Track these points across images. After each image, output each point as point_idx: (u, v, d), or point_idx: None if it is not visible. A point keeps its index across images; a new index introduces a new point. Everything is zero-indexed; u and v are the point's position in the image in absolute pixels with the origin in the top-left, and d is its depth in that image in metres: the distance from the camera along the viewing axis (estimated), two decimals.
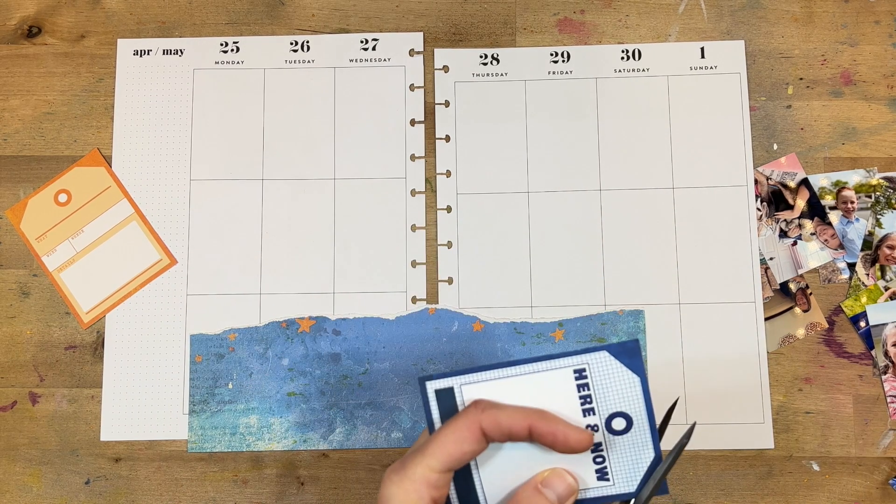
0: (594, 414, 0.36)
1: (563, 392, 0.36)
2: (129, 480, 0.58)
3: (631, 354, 0.36)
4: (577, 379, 0.36)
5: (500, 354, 0.58)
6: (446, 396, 0.36)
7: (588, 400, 0.36)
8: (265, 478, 0.58)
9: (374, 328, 0.59)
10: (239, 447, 0.58)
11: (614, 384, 0.36)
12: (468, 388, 0.36)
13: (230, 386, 0.58)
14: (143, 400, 0.58)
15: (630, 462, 0.36)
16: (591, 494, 0.37)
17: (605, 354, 0.36)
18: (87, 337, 0.59)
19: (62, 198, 0.59)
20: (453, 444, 0.34)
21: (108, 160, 0.61)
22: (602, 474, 0.36)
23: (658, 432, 0.37)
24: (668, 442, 0.37)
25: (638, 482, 0.37)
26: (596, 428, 0.36)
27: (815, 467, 0.58)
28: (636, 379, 0.36)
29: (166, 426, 0.58)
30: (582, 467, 0.36)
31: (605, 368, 0.36)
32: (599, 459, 0.36)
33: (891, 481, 0.57)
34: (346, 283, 0.60)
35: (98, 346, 0.59)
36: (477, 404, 0.35)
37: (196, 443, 0.58)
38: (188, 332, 0.59)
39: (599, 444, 0.36)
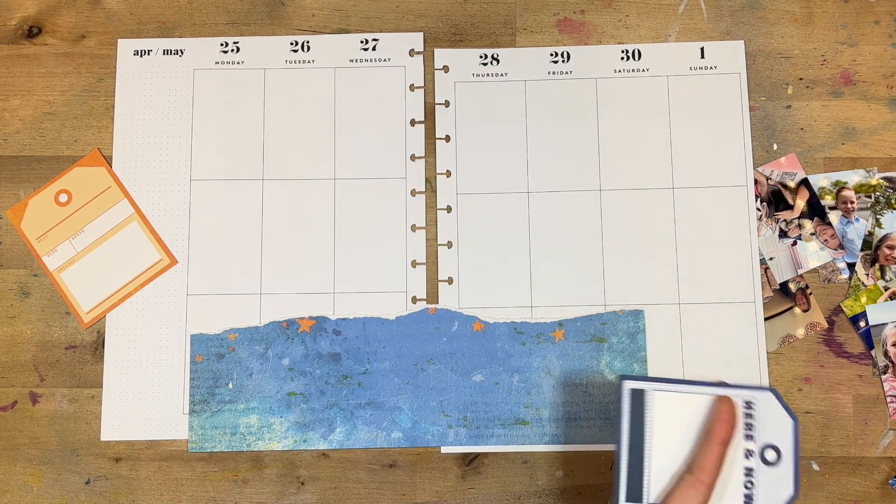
0: (753, 441, 0.43)
1: None
2: (129, 480, 0.58)
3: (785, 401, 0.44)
4: (745, 408, 0.43)
5: (500, 354, 0.58)
6: (638, 396, 0.43)
7: (750, 427, 0.43)
8: (265, 478, 0.58)
9: (374, 328, 0.59)
10: (239, 447, 0.58)
11: (773, 421, 0.43)
12: (656, 395, 0.43)
13: (230, 386, 0.58)
14: (143, 400, 0.58)
15: (773, 493, 0.42)
16: None
17: (769, 395, 0.43)
18: (87, 337, 0.59)
19: (62, 198, 0.59)
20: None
21: (108, 160, 0.61)
22: (748, 500, 0.42)
23: None
24: None
25: None
26: (752, 453, 0.43)
27: (815, 467, 0.58)
28: (791, 421, 0.43)
29: (166, 426, 0.58)
30: (733, 490, 0.42)
31: (768, 406, 0.43)
32: (749, 485, 0.42)
33: (890, 481, 0.57)
34: (346, 283, 0.60)
35: (98, 346, 0.59)
36: (688, 473, 0.42)
37: (196, 443, 0.58)
38: (188, 332, 0.59)
39: (752, 470, 0.42)
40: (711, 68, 0.62)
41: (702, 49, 0.62)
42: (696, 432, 0.43)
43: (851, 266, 0.59)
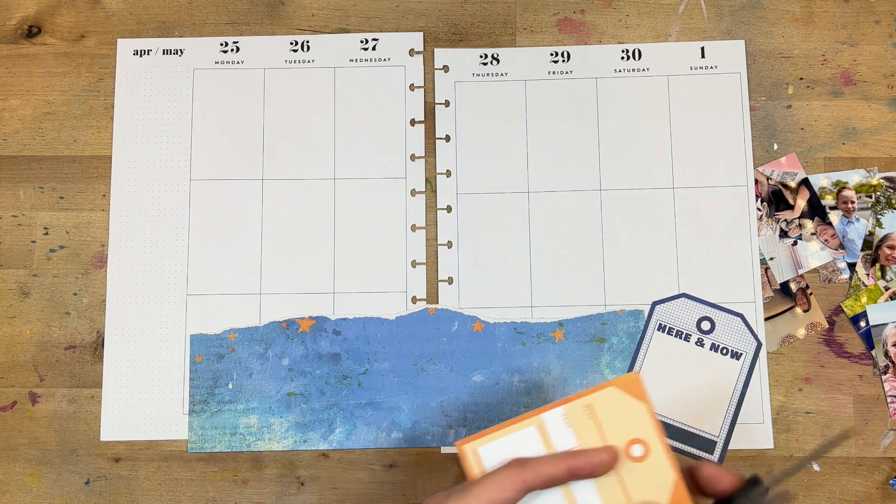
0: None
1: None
2: (129, 480, 0.58)
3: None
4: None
5: (500, 354, 0.58)
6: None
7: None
8: (265, 478, 0.58)
9: (374, 328, 0.59)
10: (239, 447, 0.58)
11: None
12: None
13: (230, 386, 0.58)
14: (143, 400, 0.58)
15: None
16: None
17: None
18: (87, 337, 0.59)
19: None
20: (495, 491, 0.37)
21: (108, 160, 0.61)
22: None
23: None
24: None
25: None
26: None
27: (815, 467, 0.58)
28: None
29: (166, 426, 0.58)
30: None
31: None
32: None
33: (891, 481, 0.57)
34: (346, 283, 0.60)
35: (98, 346, 0.59)
36: (516, 461, 0.38)
37: (196, 443, 0.58)
38: (188, 332, 0.59)
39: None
40: (712, 68, 0.62)
41: (702, 49, 0.62)
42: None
43: (852, 266, 0.59)
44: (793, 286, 0.59)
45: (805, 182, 0.60)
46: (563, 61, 0.62)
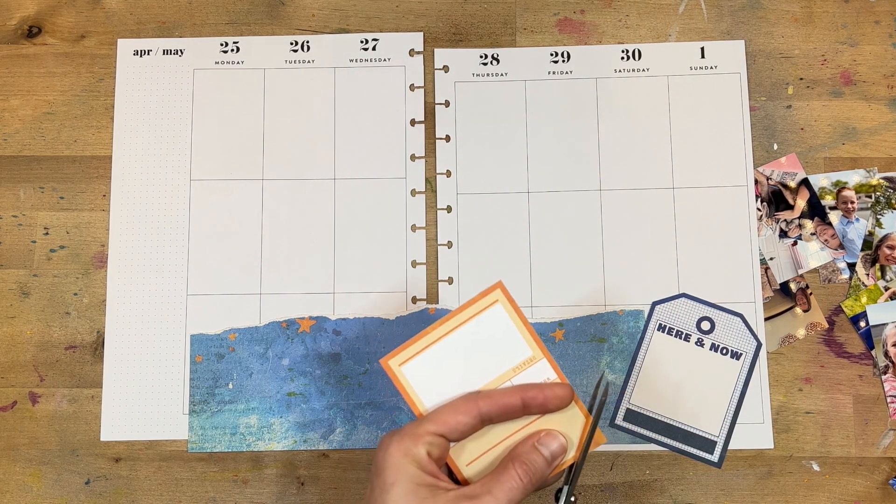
0: None
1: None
2: (129, 480, 0.58)
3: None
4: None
5: None
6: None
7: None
8: (265, 478, 0.58)
9: (374, 328, 0.59)
10: (239, 447, 0.58)
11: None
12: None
13: (230, 386, 0.58)
14: (143, 400, 0.58)
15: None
16: None
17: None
18: (87, 337, 0.59)
19: None
20: (451, 415, 0.40)
21: (108, 160, 0.61)
22: None
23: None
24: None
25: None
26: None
27: (815, 467, 0.58)
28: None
29: (166, 426, 0.58)
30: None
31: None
32: None
33: (891, 481, 0.57)
34: (346, 283, 0.60)
35: (98, 346, 0.59)
36: (472, 393, 0.42)
37: (196, 443, 0.58)
38: (188, 332, 0.59)
39: None
40: (711, 68, 0.62)
41: (702, 49, 0.62)
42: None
43: (852, 266, 0.59)
44: (793, 286, 0.59)
45: (805, 182, 0.60)
46: (563, 61, 0.62)
